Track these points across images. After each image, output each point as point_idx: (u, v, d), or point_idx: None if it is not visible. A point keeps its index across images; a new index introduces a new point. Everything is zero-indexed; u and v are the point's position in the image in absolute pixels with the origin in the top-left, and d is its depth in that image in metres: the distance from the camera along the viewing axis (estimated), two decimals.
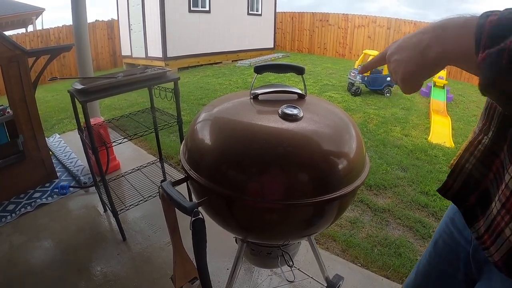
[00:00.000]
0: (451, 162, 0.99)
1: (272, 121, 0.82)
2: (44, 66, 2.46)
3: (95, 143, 1.73)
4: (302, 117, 0.84)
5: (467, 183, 0.66)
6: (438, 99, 5.12)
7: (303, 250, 1.85)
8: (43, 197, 2.48)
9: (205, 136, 0.86)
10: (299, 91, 0.98)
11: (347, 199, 0.88)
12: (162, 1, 7.42)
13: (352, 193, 0.84)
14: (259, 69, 0.97)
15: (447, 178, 0.70)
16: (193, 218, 0.74)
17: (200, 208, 0.82)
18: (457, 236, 0.77)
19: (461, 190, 0.68)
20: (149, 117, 2.16)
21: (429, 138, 3.80)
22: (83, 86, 1.68)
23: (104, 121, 2.45)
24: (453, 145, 3.65)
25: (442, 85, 5.48)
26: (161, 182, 0.85)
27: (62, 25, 8.62)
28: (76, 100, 1.75)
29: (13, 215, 2.26)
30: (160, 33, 7.66)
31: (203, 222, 0.76)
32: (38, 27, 10.25)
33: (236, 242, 1.43)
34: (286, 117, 0.83)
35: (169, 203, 0.84)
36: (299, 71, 0.97)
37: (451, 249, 0.79)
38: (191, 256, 0.91)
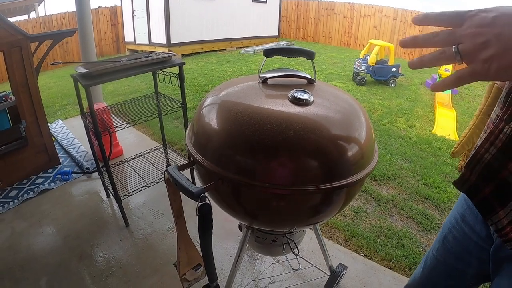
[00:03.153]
0: (452, 150, 0.97)
1: (282, 105, 0.80)
2: (46, 51, 2.42)
3: (99, 128, 1.71)
4: (313, 101, 0.82)
5: (484, 174, 0.63)
6: (443, 92, 5.05)
7: (306, 238, 1.84)
8: (46, 183, 2.47)
9: (212, 119, 0.84)
10: (309, 76, 0.95)
11: (356, 187, 0.86)
12: None
13: (361, 181, 0.82)
14: (269, 53, 0.94)
15: (464, 170, 0.67)
16: (200, 203, 0.72)
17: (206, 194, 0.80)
18: (468, 232, 0.76)
19: (476, 181, 0.65)
20: (153, 102, 2.14)
21: (433, 130, 3.76)
22: (86, 70, 1.65)
23: (107, 107, 2.43)
24: (458, 138, 3.61)
25: None
26: (166, 167, 0.83)
27: (65, 11, 8.50)
28: (79, 84, 1.72)
29: (16, 201, 2.26)
30: (164, 19, 7.56)
31: (210, 207, 0.74)
32: (41, 14, 10.11)
33: (240, 230, 1.42)
34: (296, 101, 0.80)
35: (175, 188, 0.82)
36: (309, 55, 0.94)
37: (462, 245, 0.79)
38: (195, 242, 0.90)
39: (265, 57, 0.94)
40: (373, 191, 2.43)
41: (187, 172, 0.91)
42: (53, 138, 3.08)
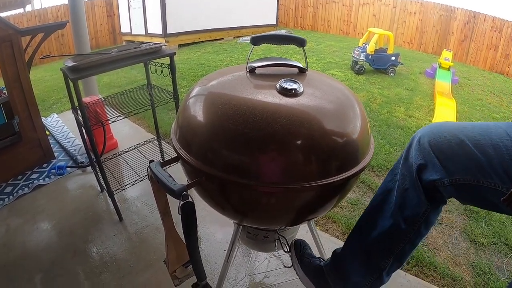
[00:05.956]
0: None
1: (269, 96, 0.75)
2: (37, 45, 2.37)
3: (88, 122, 1.67)
4: (303, 92, 0.77)
5: None
6: (443, 81, 4.97)
7: (302, 231, 1.81)
8: (40, 178, 2.44)
9: (197, 112, 0.79)
10: (300, 65, 0.90)
11: (350, 182, 0.82)
12: None
13: (355, 176, 0.78)
14: (256, 40, 0.89)
15: None
16: (181, 202, 0.69)
17: (193, 190, 0.76)
18: None
19: None
20: (145, 94, 2.09)
21: (433, 120, 3.71)
22: (73, 63, 1.61)
23: (99, 99, 2.38)
24: None
25: (448, 66, 5.30)
26: (149, 162, 0.79)
27: (61, 4, 8.37)
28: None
29: (11, 197, 2.23)
30: (160, 10, 7.46)
31: (193, 206, 0.71)
32: (37, 7, 9.97)
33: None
34: (285, 92, 0.76)
35: (159, 185, 0.78)
36: (300, 42, 0.89)
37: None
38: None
39: (253, 45, 0.89)
40: (371, 182, 2.39)
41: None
42: (48, 133, 3.04)
